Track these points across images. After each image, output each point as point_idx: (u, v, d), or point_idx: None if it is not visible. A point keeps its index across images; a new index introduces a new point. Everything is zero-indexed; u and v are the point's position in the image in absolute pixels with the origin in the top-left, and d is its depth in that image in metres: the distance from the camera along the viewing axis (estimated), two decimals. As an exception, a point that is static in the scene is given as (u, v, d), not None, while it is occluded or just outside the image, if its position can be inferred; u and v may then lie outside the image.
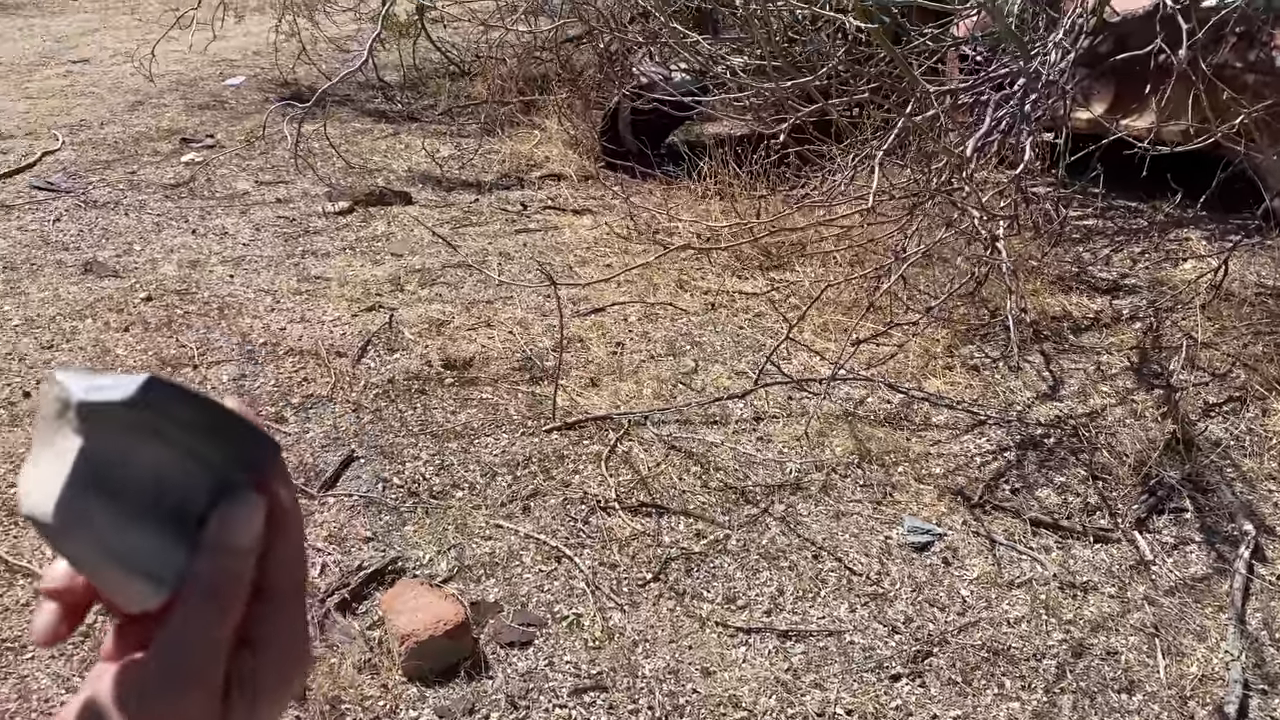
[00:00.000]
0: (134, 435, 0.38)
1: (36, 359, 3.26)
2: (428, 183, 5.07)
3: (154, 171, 5.09)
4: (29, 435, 2.85)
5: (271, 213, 4.62)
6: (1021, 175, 3.43)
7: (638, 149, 5.32)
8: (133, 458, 0.38)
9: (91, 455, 0.37)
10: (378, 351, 3.41)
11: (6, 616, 2.24)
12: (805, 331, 3.47)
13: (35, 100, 6.27)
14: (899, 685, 2.15)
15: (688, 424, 3.03)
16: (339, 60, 6.87)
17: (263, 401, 3.08)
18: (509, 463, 2.84)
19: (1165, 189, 4.30)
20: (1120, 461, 2.85)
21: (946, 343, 3.50)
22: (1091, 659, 2.23)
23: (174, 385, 0.39)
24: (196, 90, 6.58)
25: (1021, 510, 2.68)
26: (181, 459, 0.39)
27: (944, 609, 2.36)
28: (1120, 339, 3.53)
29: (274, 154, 5.35)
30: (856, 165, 3.86)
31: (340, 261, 4.11)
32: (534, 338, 3.51)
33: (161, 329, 3.49)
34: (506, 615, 2.30)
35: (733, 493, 2.73)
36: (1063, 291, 3.86)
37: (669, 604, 2.35)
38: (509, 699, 2.09)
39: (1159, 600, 2.39)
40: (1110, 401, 3.16)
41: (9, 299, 3.66)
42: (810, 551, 2.53)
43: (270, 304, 3.72)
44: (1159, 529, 2.63)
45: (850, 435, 2.97)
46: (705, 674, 2.16)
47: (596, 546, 2.52)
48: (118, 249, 4.15)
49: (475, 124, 5.95)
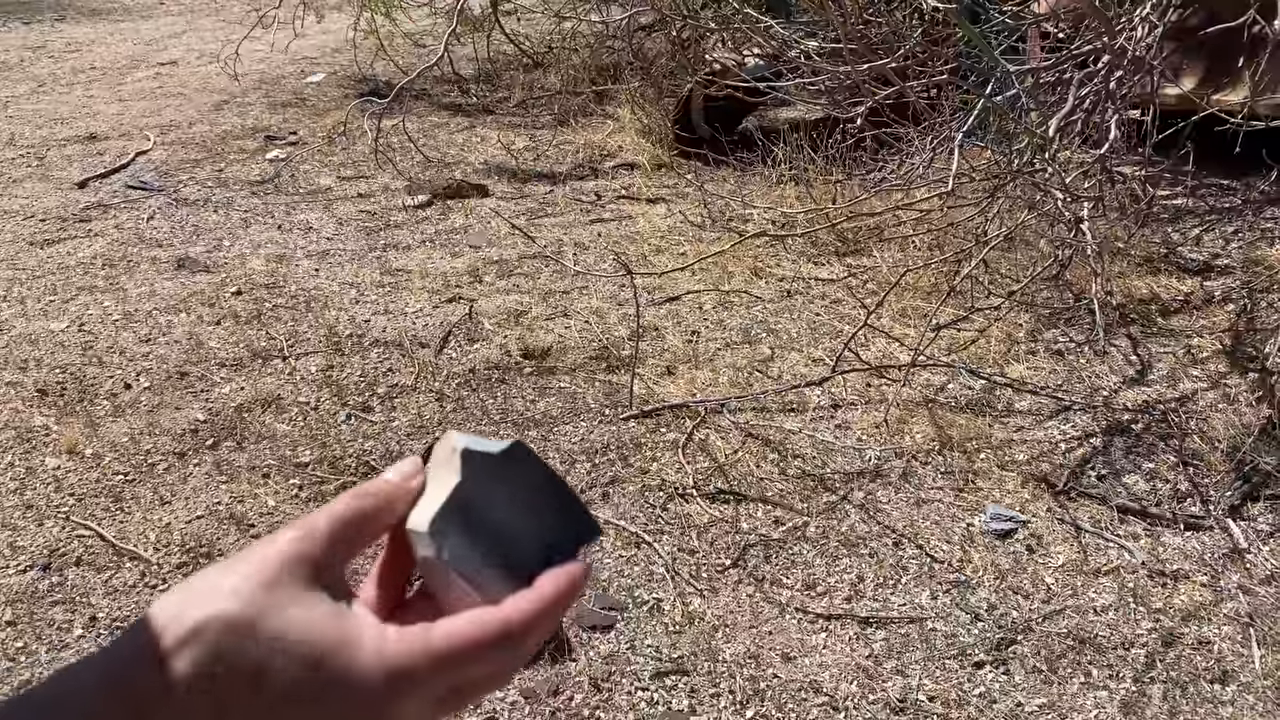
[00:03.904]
0: (496, 485, 0.47)
1: (136, 352, 3.40)
2: (503, 175, 5.13)
3: (240, 169, 5.24)
4: (131, 426, 2.98)
5: (353, 207, 4.73)
6: (1107, 155, 3.34)
7: (711, 136, 5.32)
8: (491, 502, 0.47)
9: (463, 490, 0.47)
10: (459, 342, 3.48)
11: (116, 598, 2.36)
12: (883, 317, 3.44)
13: (127, 103, 6.51)
14: (982, 672, 2.13)
15: (764, 411, 3.03)
16: (415, 55, 6.99)
17: (349, 392, 3.17)
18: (588, 450, 2.88)
19: (1260, 166, 4.15)
20: (1212, 447, 2.77)
21: (1029, 327, 3.44)
22: (1182, 648, 2.18)
23: (534, 453, 0.49)
24: (279, 88, 6.76)
25: (1108, 497, 2.63)
26: (524, 514, 0.48)
27: (1028, 596, 2.33)
28: (1212, 321, 3.43)
29: (354, 149, 5.47)
30: (935, 148, 3.80)
31: (420, 254, 4.20)
32: (610, 327, 3.54)
33: (252, 322, 3.60)
34: (588, 599, 2.34)
35: (811, 480, 2.73)
36: (1150, 273, 3.76)
37: (748, 590, 2.36)
38: (592, 681, 2.13)
39: (1254, 589, 2.33)
40: (1201, 386, 3.08)
41: (109, 295, 3.82)
42: (890, 539, 2.52)
43: (354, 296, 3.81)
44: (1253, 516, 2.56)
45: (931, 422, 2.94)
46: (785, 659, 2.17)
47: (675, 533, 2.55)
48: (208, 245, 4.30)
49: (549, 115, 6.00)
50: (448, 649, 0.43)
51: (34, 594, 2.36)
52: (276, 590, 0.42)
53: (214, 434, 2.96)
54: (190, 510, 2.64)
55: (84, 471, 2.79)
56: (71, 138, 5.72)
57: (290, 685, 0.41)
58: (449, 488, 0.47)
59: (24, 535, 2.55)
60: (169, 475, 2.78)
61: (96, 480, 2.76)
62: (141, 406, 3.09)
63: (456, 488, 0.46)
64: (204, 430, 2.98)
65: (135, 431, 2.96)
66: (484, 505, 0.47)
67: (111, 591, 2.38)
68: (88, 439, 2.92)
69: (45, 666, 2.16)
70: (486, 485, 0.47)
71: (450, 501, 0.46)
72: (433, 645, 0.43)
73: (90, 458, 2.85)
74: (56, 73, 7.41)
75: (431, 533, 0.46)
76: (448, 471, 0.47)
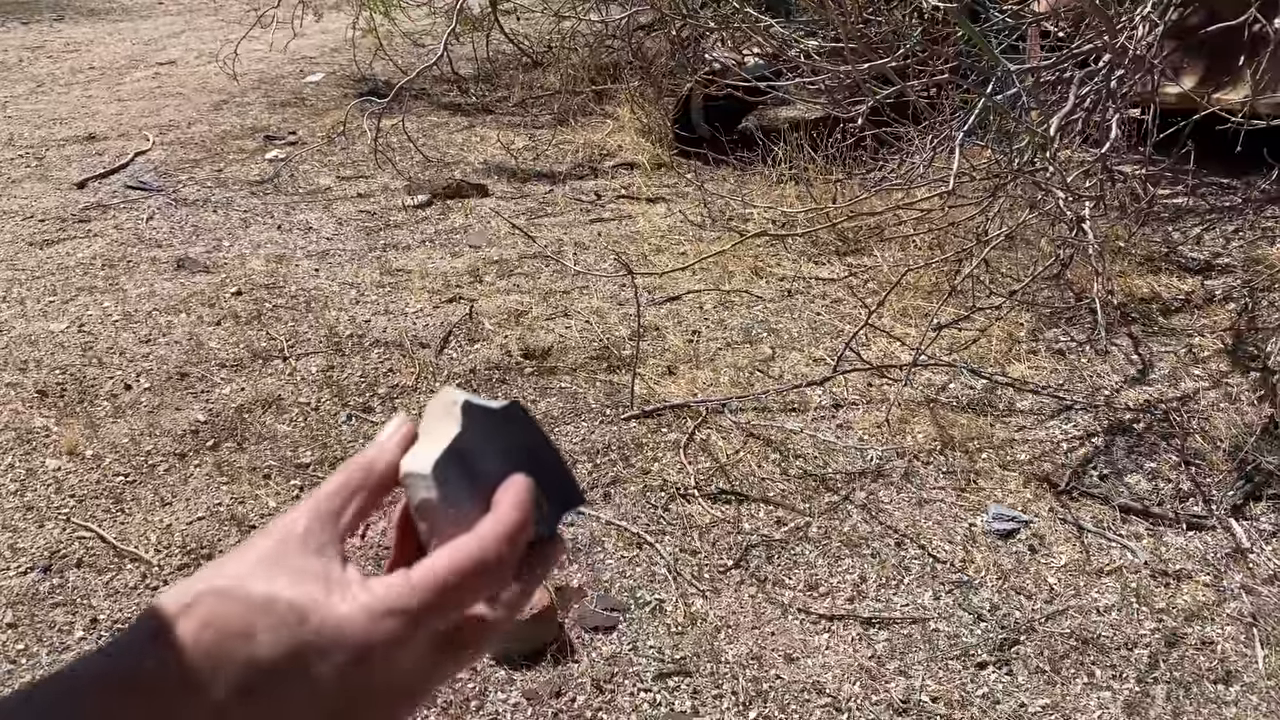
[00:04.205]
0: (493, 439, 0.49)
1: (136, 353, 3.39)
2: (503, 174, 5.13)
3: (240, 169, 5.24)
4: (132, 427, 2.98)
5: (353, 207, 4.72)
6: (1107, 154, 3.34)
7: (711, 135, 5.32)
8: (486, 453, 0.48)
9: (462, 439, 0.48)
10: (459, 342, 3.47)
11: (117, 599, 2.35)
12: (884, 317, 3.44)
13: (126, 103, 6.50)
14: (985, 673, 2.13)
15: (766, 411, 3.03)
16: (414, 55, 6.98)
17: (350, 392, 3.16)
18: (589, 450, 2.87)
19: (1260, 165, 4.14)
20: (1214, 447, 2.77)
21: (1030, 327, 3.43)
22: (1186, 649, 2.18)
23: (530, 415, 0.51)
24: (278, 88, 6.75)
25: (1110, 497, 2.63)
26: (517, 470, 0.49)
27: (1031, 597, 2.32)
28: (1213, 320, 3.43)
29: (354, 149, 5.47)
30: (935, 147, 3.80)
31: (420, 254, 4.19)
32: (610, 327, 3.54)
33: (252, 322, 3.60)
34: (590, 600, 2.34)
35: (813, 480, 2.72)
36: (1151, 272, 3.76)
37: (750, 590, 2.36)
38: (594, 682, 2.13)
39: (1257, 589, 2.33)
40: (1203, 385, 3.08)
41: (108, 295, 3.81)
42: (893, 539, 2.51)
43: (354, 297, 3.81)
44: (1256, 516, 2.56)
45: (932, 422, 2.94)
46: (788, 660, 2.17)
47: (677, 533, 2.54)
48: (208, 245, 4.29)
49: (548, 114, 6.00)
50: (431, 580, 0.44)
51: (35, 596, 2.35)
52: (264, 562, 0.44)
53: (214, 435, 2.95)
54: (191, 511, 2.64)
55: (84, 473, 2.79)
56: (70, 138, 5.71)
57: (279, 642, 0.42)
58: (449, 436, 0.48)
59: (24, 537, 2.55)
60: (170, 476, 2.78)
61: (97, 481, 2.76)
62: (142, 407, 3.09)
63: (457, 436, 0.48)
64: (204, 431, 2.97)
65: (136, 432, 2.96)
66: (479, 456, 0.48)
67: (113, 593, 2.37)
68: (88, 440, 2.92)
69: (46, 668, 2.15)
70: (483, 438, 0.49)
71: (451, 448, 0.48)
72: (414, 579, 0.44)
73: (91, 459, 2.85)
74: (55, 73, 7.40)
75: (435, 475, 0.47)
76: (446, 422, 0.49)
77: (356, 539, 0.51)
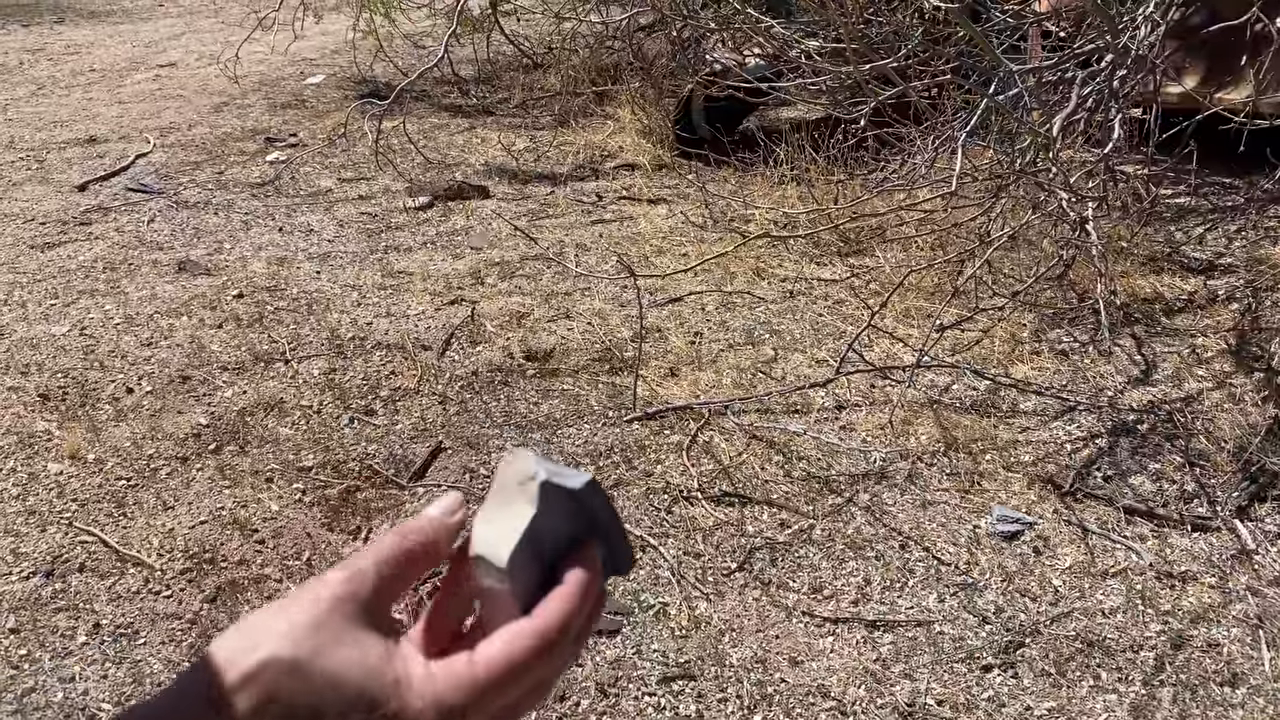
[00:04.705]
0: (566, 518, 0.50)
1: (138, 356, 3.38)
2: (504, 176, 5.12)
3: (241, 171, 5.23)
4: (134, 430, 2.97)
5: (354, 209, 4.72)
6: (1110, 154, 3.33)
7: (712, 136, 5.31)
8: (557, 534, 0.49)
9: (536, 523, 0.48)
10: (461, 344, 3.47)
11: (120, 604, 2.35)
12: (887, 318, 3.43)
13: (127, 105, 6.50)
14: (990, 676, 2.12)
15: (769, 413, 3.02)
16: (415, 57, 6.98)
17: (352, 395, 3.16)
18: (591, 453, 2.87)
19: (1263, 164, 4.14)
20: (1219, 447, 2.76)
21: (1033, 327, 3.43)
22: (1192, 651, 2.17)
23: (603, 490, 0.51)
24: (278, 90, 6.74)
25: (1115, 498, 2.62)
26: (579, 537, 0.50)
27: (1036, 599, 2.32)
28: (1216, 320, 3.42)
29: (355, 151, 5.46)
30: (937, 147, 3.80)
31: (422, 256, 4.19)
32: (613, 328, 3.53)
33: (254, 325, 3.59)
34: (594, 604, 2.33)
35: (816, 482, 2.72)
36: (1154, 273, 3.75)
37: (754, 593, 2.35)
38: (598, 686, 2.12)
39: (1263, 591, 2.32)
40: (1207, 385, 3.07)
41: (110, 298, 3.81)
42: (897, 541, 2.51)
43: (356, 299, 3.80)
44: (1261, 517, 2.55)
45: (935, 423, 2.94)
46: (793, 663, 2.16)
47: (680, 536, 2.54)
48: (209, 248, 4.29)
49: (549, 116, 5.99)
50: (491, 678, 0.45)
51: (37, 601, 2.35)
52: (327, 631, 0.44)
53: (216, 438, 2.95)
54: (193, 515, 2.63)
55: (86, 477, 2.78)
56: (71, 140, 5.70)
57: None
58: (523, 518, 0.48)
59: (26, 542, 2.54)
60: (172, 480, 2.77)
61: (99, 485, 2.75)
62: (143, 411, 3.08)
63: (533, 520, 0.48)
64: (206, 434, 2.97)
65: (137, 436, 2.95)
66: (549, 535, 0.49)
67: (115, 598, 2.37)
68: (90, 444, 2.91)
69: (49, 674, 2.15)
70: (557, 518, 0.49)
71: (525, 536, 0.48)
72: (478, 678, 0.45)
73: (92, 463, 2.84)
74: (56, 75, 7.40)
75: (509, 569, 0.47)
76: (520, 496, 0.49)
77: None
